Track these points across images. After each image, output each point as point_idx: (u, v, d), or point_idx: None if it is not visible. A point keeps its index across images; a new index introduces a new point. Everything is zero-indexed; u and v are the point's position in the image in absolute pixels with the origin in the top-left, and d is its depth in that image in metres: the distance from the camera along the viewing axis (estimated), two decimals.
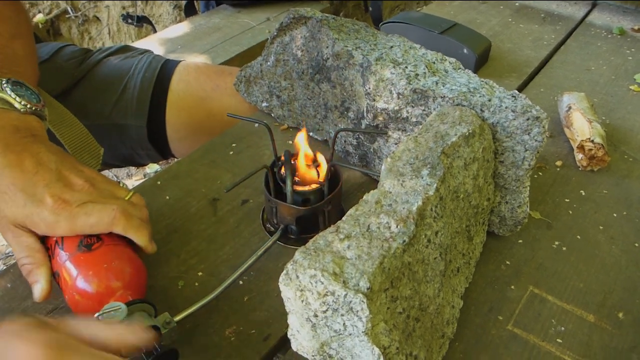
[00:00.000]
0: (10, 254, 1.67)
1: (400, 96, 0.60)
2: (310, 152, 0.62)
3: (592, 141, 0.72)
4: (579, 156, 0.73)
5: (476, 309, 0.56)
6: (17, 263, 0.52)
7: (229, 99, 0.89)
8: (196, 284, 0.57)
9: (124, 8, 2.47)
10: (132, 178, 1.96)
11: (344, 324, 0.39)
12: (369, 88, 0.63)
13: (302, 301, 0.40)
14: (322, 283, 0.38)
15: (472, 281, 0.58)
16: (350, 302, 0.38)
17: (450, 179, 0.50)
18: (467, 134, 0.52)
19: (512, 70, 0.98)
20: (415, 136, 0.52)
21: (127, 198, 0.55)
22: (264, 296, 0.56)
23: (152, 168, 1.94)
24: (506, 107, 0.55)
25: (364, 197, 0.47)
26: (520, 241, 0.63)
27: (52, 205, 0.50)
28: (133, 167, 1.99)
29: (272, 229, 0.64)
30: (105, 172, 1.96)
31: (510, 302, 0.56)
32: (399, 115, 0.62)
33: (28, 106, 0.56)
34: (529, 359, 0.51)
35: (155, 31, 1.89)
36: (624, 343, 0.53)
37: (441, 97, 0.58)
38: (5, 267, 0.60)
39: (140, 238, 0.53)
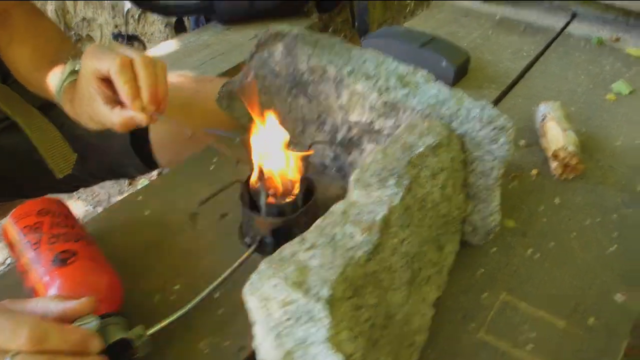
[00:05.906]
0: (9, 265, 1.67)
1: (372, 109, 0.61)
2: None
3: (566, 149, 0.73)
4: (553, 164, 0.74)
5: (449, 316, 0.56)
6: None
7: (209, 103, 0.92)
8: (172, 297, 0.58)
9: (116, 27, 2.50)
10: (124, 195, 1.97)
11: (306, 332, 0.40)
12: (343, 101, 0.64)
13: (266, 310, 0.41)
14: (284, 292, 0.39)
15: (446, 289, 0.58)
16: (311, 310, 0.38)
17: (417, 188, 0.51)
18: (434, 144, 0.53)
19: (491, 81, 0.99)
20: (383, 148, 0.54)
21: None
22: (238, 308, 0.56)
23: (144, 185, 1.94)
24: (473, 117, 0.56)
25: (332, 208, 0.48)
26: (495, 249, 0.64)
27: None
28: (125, 185, 2.00)
29: (250, 241, 0.64)
30: (96, 190, 1.97)
31: (484, 309, 0.57)
32: (372, 127, 0.63)
33: None
34: None
35: (145, 49, 1.92)
36: (595, 348, 0.53)
37: (411, 109, 0.59)
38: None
39: None
